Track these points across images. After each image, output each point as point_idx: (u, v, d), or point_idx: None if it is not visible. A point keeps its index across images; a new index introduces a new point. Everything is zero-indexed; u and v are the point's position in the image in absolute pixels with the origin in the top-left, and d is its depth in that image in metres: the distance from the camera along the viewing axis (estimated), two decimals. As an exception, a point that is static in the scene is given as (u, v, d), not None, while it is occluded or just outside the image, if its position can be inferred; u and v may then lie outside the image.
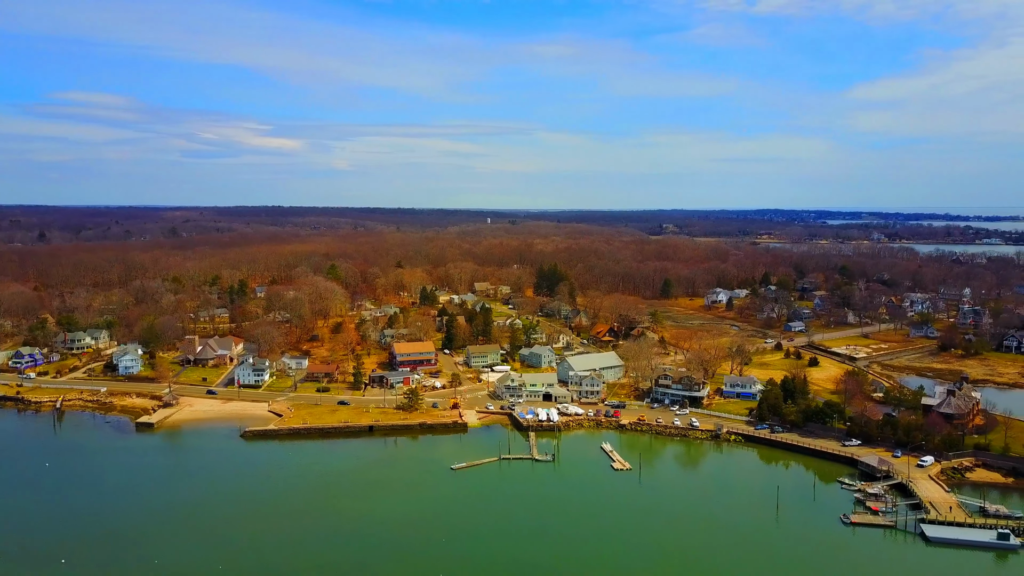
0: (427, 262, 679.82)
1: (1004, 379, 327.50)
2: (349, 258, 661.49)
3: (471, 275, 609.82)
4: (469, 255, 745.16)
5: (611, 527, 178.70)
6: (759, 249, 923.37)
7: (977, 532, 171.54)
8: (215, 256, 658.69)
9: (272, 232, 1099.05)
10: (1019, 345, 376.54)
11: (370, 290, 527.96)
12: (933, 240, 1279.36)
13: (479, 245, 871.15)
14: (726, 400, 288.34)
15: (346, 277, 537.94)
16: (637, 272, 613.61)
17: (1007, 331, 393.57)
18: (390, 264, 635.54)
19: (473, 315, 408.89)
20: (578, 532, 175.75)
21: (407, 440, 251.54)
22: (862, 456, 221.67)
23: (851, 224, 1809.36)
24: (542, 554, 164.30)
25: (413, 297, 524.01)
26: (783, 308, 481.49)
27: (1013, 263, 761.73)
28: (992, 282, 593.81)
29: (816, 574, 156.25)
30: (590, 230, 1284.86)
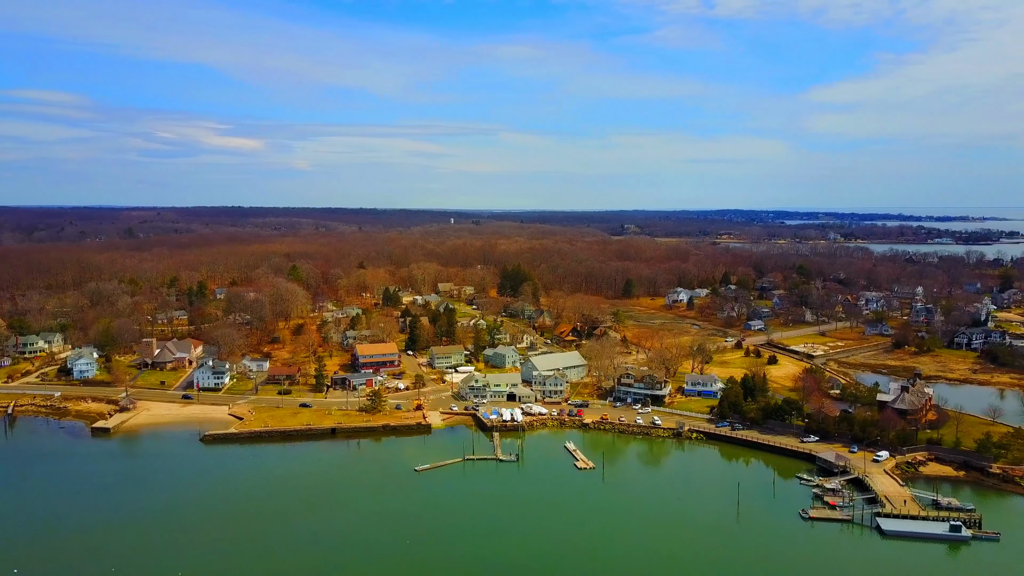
0: (390, 263, 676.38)
1: (955, 375, 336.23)
2: (310, 259, 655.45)
3: (434, 276, 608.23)
4: (432, 256, 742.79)
5: (575, 526, 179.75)
6: (719, 249, 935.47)
7: (930, 524, 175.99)
8: (173, 257, 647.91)
9: (232, 233, 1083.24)
10: (969, 342, 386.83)
11: (332, 291, 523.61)
12: (887, 240, 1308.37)
13: (443, 245, 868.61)
14: (688, 398, 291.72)
15: (307, 278, 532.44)
16: (600, 272, 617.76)
17: (958, 328, 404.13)
18: (352, 265, 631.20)
19: (437, 316, 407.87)
20: (542, 531, 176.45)
21: (370, 442, 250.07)
22: (820, 452, 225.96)
23: (808, 224, 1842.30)
24: (507, 554, 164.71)
25: (376, 298, 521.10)
26: (743, 307, 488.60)
27: (963, 262, 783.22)
28: (943, 281, 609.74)
29: (776, 569, 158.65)
30: (553, 230, 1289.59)
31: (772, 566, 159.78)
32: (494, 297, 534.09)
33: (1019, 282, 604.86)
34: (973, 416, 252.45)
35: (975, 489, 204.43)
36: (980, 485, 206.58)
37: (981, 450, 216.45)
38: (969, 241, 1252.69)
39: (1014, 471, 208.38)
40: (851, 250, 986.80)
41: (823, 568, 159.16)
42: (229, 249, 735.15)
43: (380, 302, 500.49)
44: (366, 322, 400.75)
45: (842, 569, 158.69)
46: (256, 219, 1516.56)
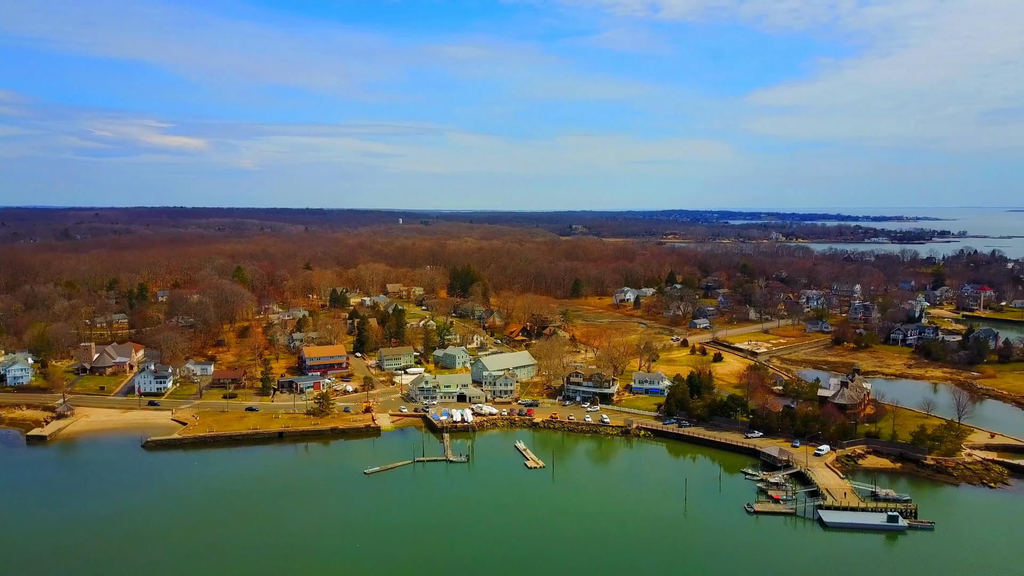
0: (337, 263, 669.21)
1: (891, 370, 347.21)
2: (256, 260, 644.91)
3: (383, 276, 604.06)
4: (381, 256, 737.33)
5: (525, 525, 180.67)
6: (665, 249, 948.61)
7: (869, 516, 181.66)
8: (112, 259, 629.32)
9: (174, 234, 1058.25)
10: (904, 338, 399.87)
11: (278, 293, 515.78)
12: (826, 239, 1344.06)
13: (391, 246, 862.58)
14: (635, 396, 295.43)
15: (253, 280, 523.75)
16: (549, 272, 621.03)
17: (894, 325, 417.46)
18: (299, 266, 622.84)
19: (385, 317, 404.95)
20: (493, 531, 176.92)
21: (318, 446, 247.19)
22: (764, 447, 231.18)
23: (752, 224, 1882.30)
24: (458, 555, 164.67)
25: (323, 299, 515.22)
26: (688, 306, 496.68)
27: (898, 260, 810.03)
28: (880, 278, 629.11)
29: (722, 563, 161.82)
30: (503, 231, 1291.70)
31: (719, 560, 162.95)
32: (444, 298, 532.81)
33: (950, 280, 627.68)
34: (908, 410, 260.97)
35: (911, 480, 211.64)
36: (915, 476, 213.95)
37: (916, 442, 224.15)
38: (903, 240, 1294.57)
39: (947, 462, 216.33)
40: (792, 249, 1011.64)
41: (767, 561, 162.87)
42: (171, 250, 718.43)
43: (327, 303, 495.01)
44: (313, 324, 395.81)
45: (786, 561, 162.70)
46: (199, 220, 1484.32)
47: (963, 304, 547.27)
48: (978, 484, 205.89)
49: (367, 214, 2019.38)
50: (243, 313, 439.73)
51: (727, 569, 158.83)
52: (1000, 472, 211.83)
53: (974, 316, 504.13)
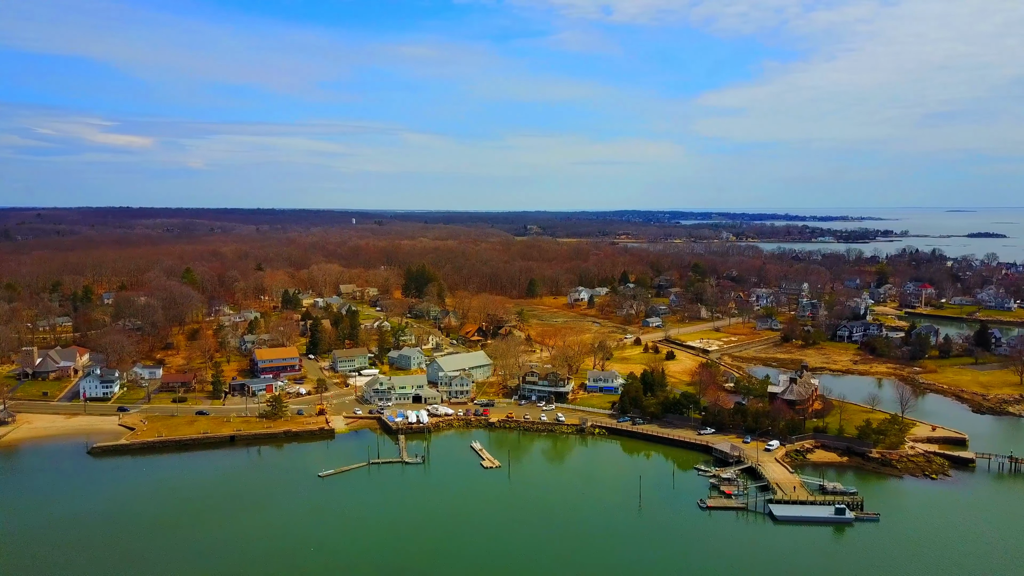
0: (289, 264, 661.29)
1: (838, 366, 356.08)
2: (206, 261, 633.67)
3: (336, 277, 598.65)
4: (334, 257, 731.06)
5: (482, 525, 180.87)
6: (618, 249, 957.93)
7: (817, 509, 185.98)
8: (55, 260, 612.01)
9: (120, 235, 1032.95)
10: (850, 335, 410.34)
11: (229, 294, 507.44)
12: (775, 239, 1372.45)
13: (344, 246, 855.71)
14: (590, 394, 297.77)
15: (203, 281, 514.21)
16: (504, 272, 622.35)
17: (840, 322, 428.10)
18: (250, 267, 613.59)
19: (339, 318, 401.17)
20: (449, 532, 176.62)
21: (271, 449, 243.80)
22: (716, 443, 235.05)
23: (702, 224, 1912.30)
24: (413, 556, 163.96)
25: (275, 301, 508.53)
26: (641, 305, 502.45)
27: (844, 259, 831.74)
28: (826, 277, 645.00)
29: (676, 558, 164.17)
30: (457, 231, 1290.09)
31: (672, 555, 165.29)
32: (398, 298, 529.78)
33: (893, 278, 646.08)
34: (855, 404, 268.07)
35: (857, 473, 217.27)
36: (861, 469, 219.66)
37: (862, 436, 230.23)
38: (849, 240, 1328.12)
39: (891, 455, 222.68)
40: (742, 249, 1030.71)
41: (720, 555, 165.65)
42: (117, 252, 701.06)
43: (279, 305, 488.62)
44: (265, 326, 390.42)
45: (737, 555, 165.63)
46: (147, 220, 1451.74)
47: (906, 301, 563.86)
48: (920, 476, 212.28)
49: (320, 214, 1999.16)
50: (193, 315, 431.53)
51: (681, 564, 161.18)
52: (941, 464, 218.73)
53: (916, 313, 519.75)
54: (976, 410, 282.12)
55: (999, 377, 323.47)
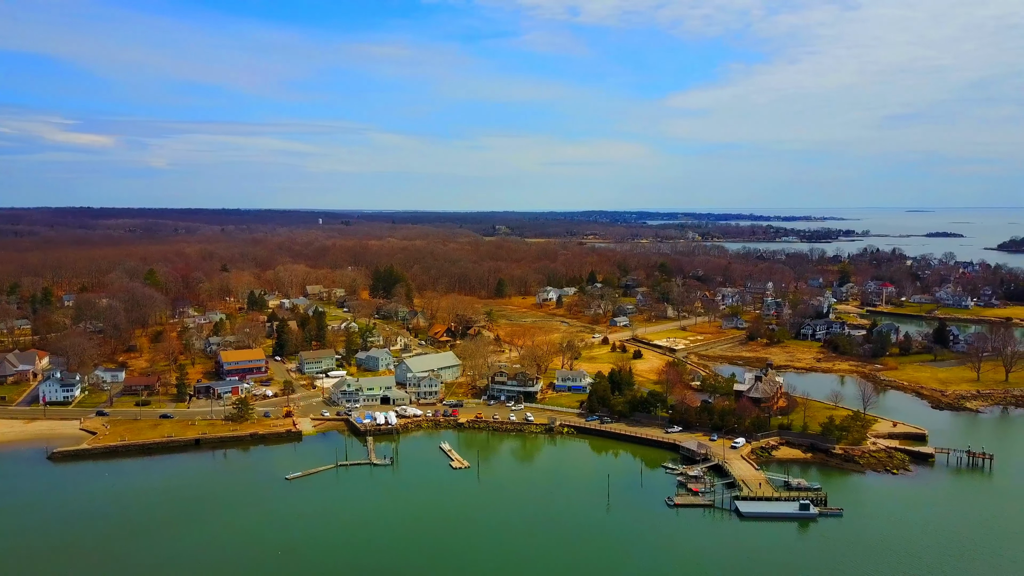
0: (255, 265, 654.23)
1: (802, 364, 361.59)
2: (169, 262, 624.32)
3: (303, 278, 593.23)
4: (300, 257, 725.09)
5: (450, 526, 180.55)
6: (585, 249, 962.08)
7: (782, 505, 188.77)
8: (13, 261, 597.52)
9: (81, 235, 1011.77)
10: (814, 333, 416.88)
11: (193, 296, 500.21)
12: (740, 239, 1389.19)
13: (311, 247, 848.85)
14: (558, 394, 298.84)
15: (166, 282, 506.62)
16: (473, 272, 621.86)
17: (804, 320, 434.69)
18: (215, 268, 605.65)
19: (306, 319, 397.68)
20: (417, 534, 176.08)
21: (238, 452, 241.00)
22: (683, 441, 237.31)
23: (669, 224, 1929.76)
24: (382, 559, 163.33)
25: (241, 302, 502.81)
26: (609, 304, 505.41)
27: (807, 259, 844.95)
28: (790, 276, 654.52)
29: (644, 556, 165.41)
30: (426, 231, 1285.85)
31: (641, 553, 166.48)
32: (366, 299, 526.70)
33: (855, 277, 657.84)
34: (818, 402, 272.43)
35: (821, 469, 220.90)
36: (825, 465, 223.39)
37: (825, 433, 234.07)
38: (812, 239, 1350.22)
39: (854, 451, 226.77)
40: (708, 248, 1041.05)
41: (688, 552, 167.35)
42: (78, 253, 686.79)
43: (245, 306, 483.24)
44: (230, 327, 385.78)
45: (705, 552, 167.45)
46: (109, 220, 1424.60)
47: (867, 300, 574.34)
48: (882, 471, 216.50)
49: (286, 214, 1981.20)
50: (156, 317, 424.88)
51: (649, 562, 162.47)
52: (902, 459, 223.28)
53: (877, 311, 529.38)
54: (935, 406, 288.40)
55: (957, 374, 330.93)
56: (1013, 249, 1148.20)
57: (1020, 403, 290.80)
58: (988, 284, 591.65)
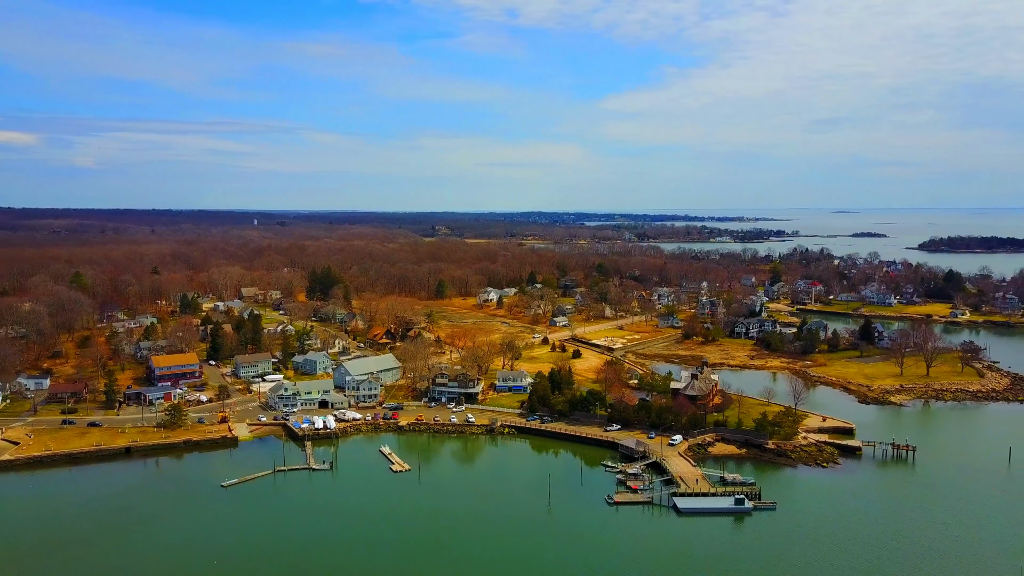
0: (188, 267, 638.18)
1: (736, 361, 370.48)
2: (97, 264, 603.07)
3: (237, 280, 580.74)
4: (235, 259, 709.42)
5: (391, 530, 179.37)
6: (525, 250, 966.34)
7: (718, 500, 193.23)
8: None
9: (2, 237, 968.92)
10: (747, 331, 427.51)
11: (123, 299, 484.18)
12: (675, 239, 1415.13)
13: (246, 248, 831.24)
14: (499, 394, 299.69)
15: (94, 286, 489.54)
16: (412, 274, 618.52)
17: (737, 319, 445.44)
18: (145, 270, 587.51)
19: (241, 323, 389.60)
20: (357, 538, 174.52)
21: (171, 460, 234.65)
22: (622, 439, 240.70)
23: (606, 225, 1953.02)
24: (322, 564, 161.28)
25: (173, 305, 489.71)
26: (548, 304, 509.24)
27: (740, 258, 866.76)
28: (724, 276, 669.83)
29: (585, 554, 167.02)
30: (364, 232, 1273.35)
31: (581, 551, 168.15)
32: (303, 301, 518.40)
33: (786, 276, 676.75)
34: (752, 398, 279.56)
35: (755, 464, 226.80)
36: (759, 460, 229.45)
37: (759, 429, 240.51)
38: (744, 240, 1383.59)
39: (786, 446, 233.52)
40: (644, 249, 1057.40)
41: (627, 549, 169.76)
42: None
43: (177, 310, 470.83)
44: (162, 331, 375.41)
45: (644, 548, 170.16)
46: (32, 221, 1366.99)
47: (797, 298, 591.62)
48: (813, 465, 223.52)
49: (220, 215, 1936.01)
50: (83, 322, 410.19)
51: (589, 559, 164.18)
52: (831, 453, 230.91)
53: (807, 309, 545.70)
54: (862, 400, 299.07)
55: (882, 369, 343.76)
56: (932, 249, 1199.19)
57: (940, 396, 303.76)
58: (910, 282, 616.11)
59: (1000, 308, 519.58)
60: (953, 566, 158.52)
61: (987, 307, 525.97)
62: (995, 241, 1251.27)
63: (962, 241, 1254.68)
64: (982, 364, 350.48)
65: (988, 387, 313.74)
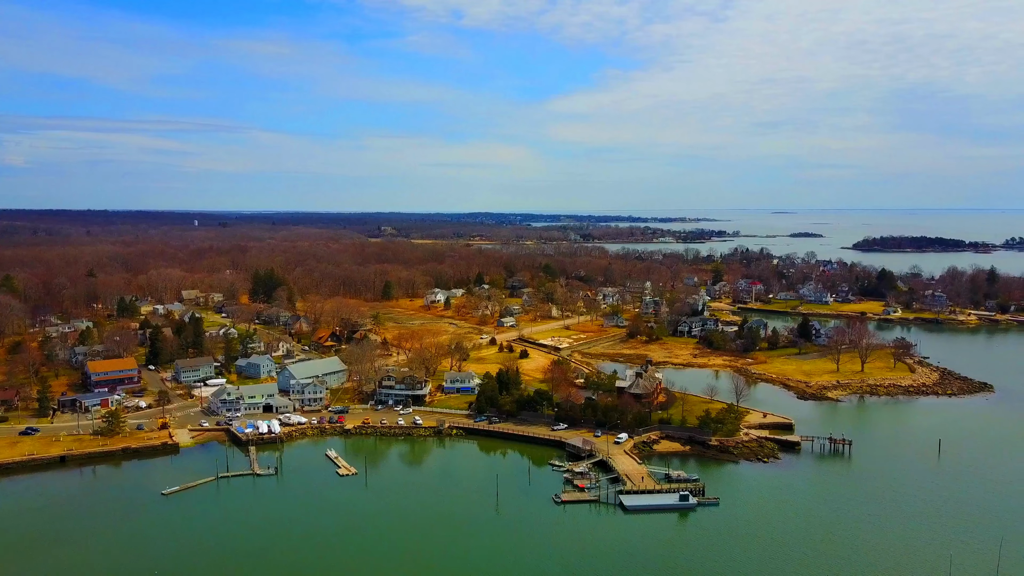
0: (125, 269, 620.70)
1: (679, 360, 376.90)
2: (28, 267, 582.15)
3: (178, 282, 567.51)
4: (175, 261, 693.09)
5: (338, 534, 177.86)
6: (472, 250, 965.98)
7: (664, 497, 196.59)
8: None
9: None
10: (690, 330, 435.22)
11: (56, 303, 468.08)
12: (620, 240, 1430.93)
13: (186, 249, 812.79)
14: (447, 396, 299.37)
15: (25, 289, 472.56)
16: (358, 275, 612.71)
17: (680, 318, 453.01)
18: (81, 273, 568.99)
19: (181, 326, 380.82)
20: (303, 544, 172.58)
21: (109, 468, 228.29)
22: (569, 438, 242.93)
23: (552, 226, 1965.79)
24: (265, 571, 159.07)
25: (110, 309, 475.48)
26: (496, 305, 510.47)
27: (682, 258, 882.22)
28: (667, 275, 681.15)
29: (532, 554, 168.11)
30: (308, 233, 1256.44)
31: (529, 551, 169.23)
32: (246, 304, 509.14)
33: (727, 275, 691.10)
34: (695, 396, 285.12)
35: (699, 460, 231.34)
36: (702, 457, 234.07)
37: (702, 426, 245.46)
38: (687, 240, 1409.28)
39: (728, 442, 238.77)
40: (590, 249, 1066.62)
41: (575, 548, 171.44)
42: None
43: (115, 313, 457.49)
44: (99, 336, 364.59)
45: (591, 547, 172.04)
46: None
47: (738, 297, 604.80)
48: (754, 460, 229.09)
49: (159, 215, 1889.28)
50: (14, 327, 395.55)
51: (537, 559, 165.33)
52: (772, 448, 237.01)
53: (747, 308, 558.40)
54: (800, 396, 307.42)
55: (819, 365, 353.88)
56: (866, 248, 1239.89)
57: (875, 392, 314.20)
58: (845, 281, 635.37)
59: (929, 305, 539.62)
60: (885, 558, 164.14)
61: (917, 304, 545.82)
62: (924, 241, 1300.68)
63: (894, 241, 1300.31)
64: (913, 360, 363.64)
65: (919, 382, 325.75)
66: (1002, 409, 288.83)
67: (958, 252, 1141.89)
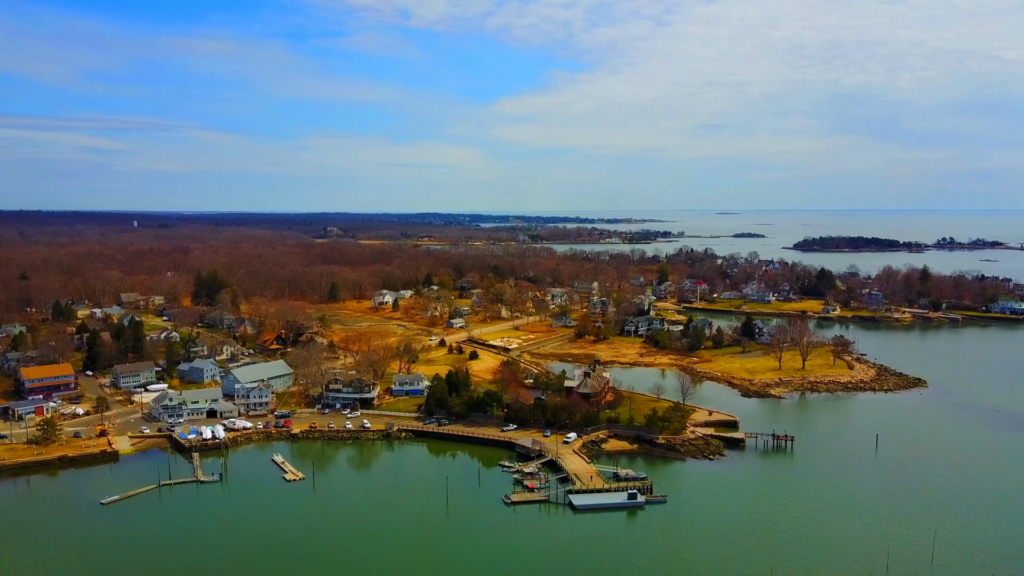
0: (61, 272, 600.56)
1: (627, 359, 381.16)
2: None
3: (116, 285, 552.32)
4: (113, 263, 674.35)
5: (285, 540, 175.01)
6: (421, 251, 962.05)
7: (612, 496, 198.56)
8: None
9: None
10: (636, 329, 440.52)
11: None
12: (567, 240, 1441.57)
13: (125, 251, 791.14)
14: (396, 399, 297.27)
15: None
16: (303, 276, 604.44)
17: (627, 318, 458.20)
18: (12, 276, 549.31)
19: (120, 330, 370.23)
20: (250, 550, 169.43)
21: (44, 478, 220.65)
22: (518, 439, 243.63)
23: (501, 227, 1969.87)
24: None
25: (44, 313, 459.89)
26: (445, 306, 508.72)
27: (629, 259, 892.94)
28: (614, 276, 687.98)
29: (483, 555, 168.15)
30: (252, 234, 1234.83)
31: (480, 553, 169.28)
32: (188, 307, 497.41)
33: (672, 275, 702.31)
34: (642, 395, 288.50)
35: (646, 459, 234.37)
36: (650, 455, 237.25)
37: (649, 424, 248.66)
38: (633, 241, 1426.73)
39: (675, 440, 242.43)
40: (538, 250, 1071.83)
41: (524, 548, 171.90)
42: None
43: (50, 317, 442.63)
44: (33, 341, 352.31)
45: (541, 547, 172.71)
46: None
47: (684, 297, 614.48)
48: (701, 458, 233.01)
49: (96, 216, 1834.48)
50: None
51: (487, 561, 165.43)
52: (717, 445, 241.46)
53: (693, 307, 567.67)
54: (744, 394, 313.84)
55: (762, 363, 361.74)
56: (806, 248, 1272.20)
57: (815, 388, 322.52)
58: (787, 280, 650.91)
59: (867, 304, 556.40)
60: (824, 551, 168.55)
61: (855, 303, 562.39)
62: (861, 241, 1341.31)
63: (832, 241, 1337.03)
64: (852, 357, 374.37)
65: (857, 378, 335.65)
66: (935, 404, 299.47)
67: (893, 252, 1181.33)
